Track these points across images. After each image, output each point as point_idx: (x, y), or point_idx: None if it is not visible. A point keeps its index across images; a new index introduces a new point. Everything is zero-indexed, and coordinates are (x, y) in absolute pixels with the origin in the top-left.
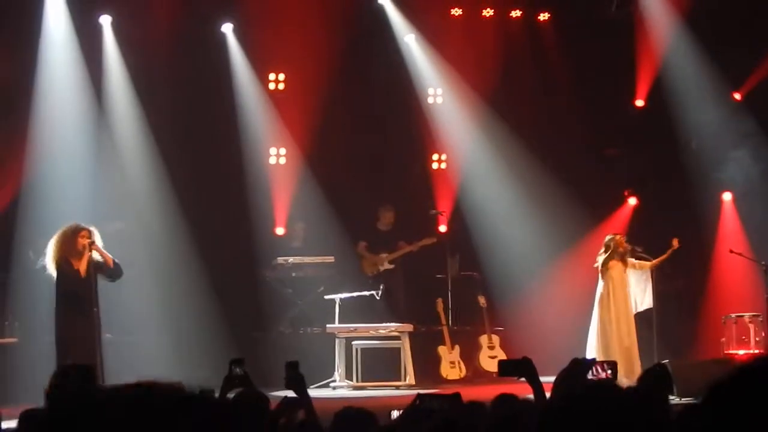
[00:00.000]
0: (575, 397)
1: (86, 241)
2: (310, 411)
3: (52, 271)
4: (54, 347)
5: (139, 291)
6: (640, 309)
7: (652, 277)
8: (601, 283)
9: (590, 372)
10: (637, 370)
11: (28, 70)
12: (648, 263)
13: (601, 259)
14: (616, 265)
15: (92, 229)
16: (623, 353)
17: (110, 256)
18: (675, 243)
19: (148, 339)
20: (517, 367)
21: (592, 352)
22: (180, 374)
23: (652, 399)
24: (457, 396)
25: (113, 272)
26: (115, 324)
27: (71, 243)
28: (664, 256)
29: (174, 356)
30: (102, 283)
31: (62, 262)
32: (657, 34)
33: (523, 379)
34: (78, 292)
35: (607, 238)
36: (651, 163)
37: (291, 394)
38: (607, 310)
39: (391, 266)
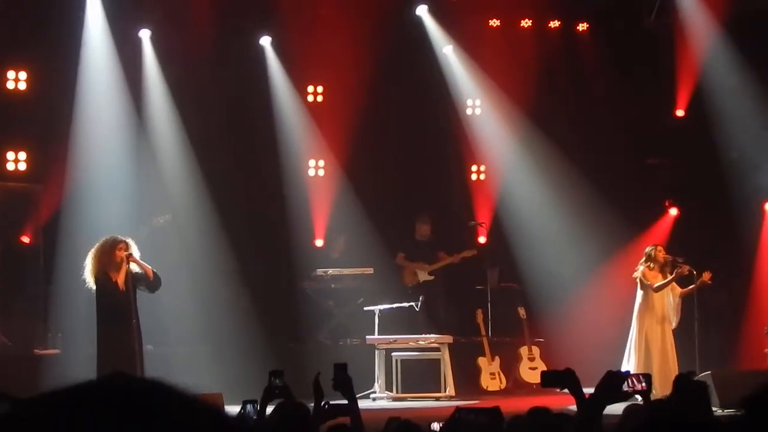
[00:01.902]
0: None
1: (124, 254)
2: (356, 415)
3: (91, 284)
4: (95, 360)
5: (179, 302)
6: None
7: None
8: (640, 293)
9: (626, 384)
10: None
11: (68, 83)
12: (677, 290)
13: (641, 269)
14: (656, 277)
15: (129, 241)
16: (661, 366)
17: (149, 267)
18: (706, 277)
19: (187, 350)
20: (559, 378)
21: (629, 363)
22: (219, 385)
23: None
24: (496, 409)
25: (152, 283)
26: (155, 335)
27: (109, 256)
28: (693, 288)
29: (213, 367)
30: (141, 294)
31: (101, 276)
32: (696, 43)
33: (565, 390)
34: (118, 305)
35: (648, 248)
36: (692, 173)
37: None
38: (646, 321)
39: (431, 278)
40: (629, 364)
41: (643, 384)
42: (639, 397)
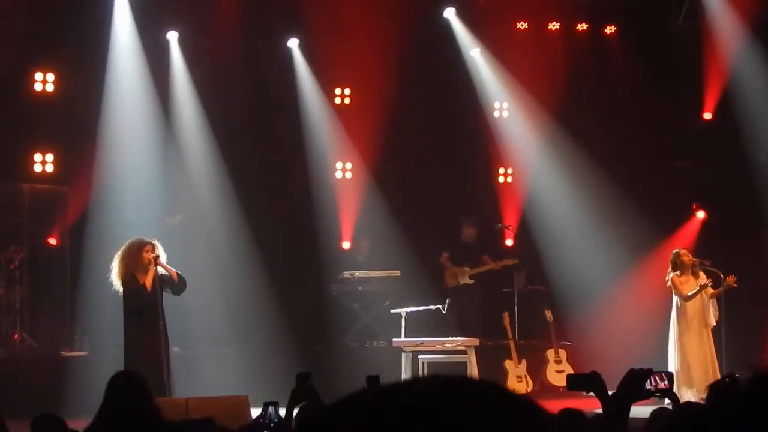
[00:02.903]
0: None
1: (151, 256)
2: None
3: (118, 286)
4: (122, 362)
5: (205, 304)
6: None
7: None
8: (675, 299)
9: (648, 382)
10: None
11: (96, 85)
12: (709, 291)
13: (670, 277)
14: (687, 281)
15: (156, 242)
16: (703, 373)
17: (173, 269)
18: (731, 281)
19: (213, 352)
20: (585, 381)
21: (672, 366)
22: (245, 388)
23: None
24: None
25: (177, 286)
26: (181, 337)
27: (137, 258)
28: (719, 291)
29: (239, 369)
30: (168, 296)
31: (128, 278)
32: (724, 45)
33: (591, 393)
34: (145, 307)
35: (672, 254)
36: (719, 176)
37: None
38: (680, 328)
39: (471, 282)
40: (672, 366)
41: (666, 382)
42: (667, 400)
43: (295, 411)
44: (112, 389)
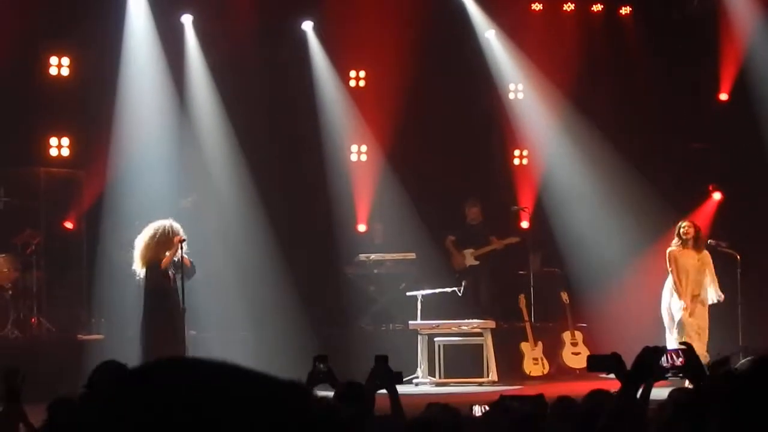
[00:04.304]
0: None
1: (179, 239)
2: (395, 402)
3: (140, 271)
4: (138, 343)
5: (220, 288)
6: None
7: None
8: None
9: (664, 360)
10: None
11: (111, 69)
12: (711, 269)
13: (669, 248)
14: (686, 254)
15: (177, 226)
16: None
17: (186, 256)
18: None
19: (229, 335)
20: (605, 362)
21: (670, 341)
22: (261, 370)
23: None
24: (540, 397)
25: (189, 271)
26: (197, 320)
27: (167, 244)
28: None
29: (255, 352)
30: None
31: (154, 263)
32: (740, 26)
33: (611, 375)
34: (168, 291)
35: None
36: (735, 157)
37: None
38: (675, 296)
39: (477, 262)
40: (670, 341)
41: (682, 359)
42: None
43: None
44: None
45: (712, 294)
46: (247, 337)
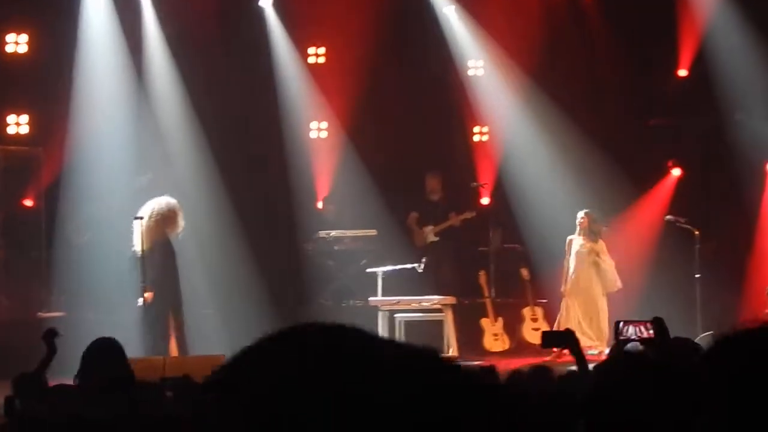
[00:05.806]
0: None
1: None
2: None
3: (144, 246)
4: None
5: (180, 265)
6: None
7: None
8: (597, 260)
9: (633, 332)
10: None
11: (69, 45)
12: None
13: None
14: (575, 241)
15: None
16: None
17: None
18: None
19: (191, 312)
20: (560, 338)
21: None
22: (223, 347)
23: None
24: (491, 368)
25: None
26: None
27: (176, 219)
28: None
29: (217, 329)
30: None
31: (162, 238)
32: (699, 2)
33: (566, 351)
34: (175, 266)
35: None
36: (694, 133)
37: None
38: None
39: (436, 239)
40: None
41: (651, 332)
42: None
43: None
44: (92, 355)
45: (610, 283)
46: (208, 315)
